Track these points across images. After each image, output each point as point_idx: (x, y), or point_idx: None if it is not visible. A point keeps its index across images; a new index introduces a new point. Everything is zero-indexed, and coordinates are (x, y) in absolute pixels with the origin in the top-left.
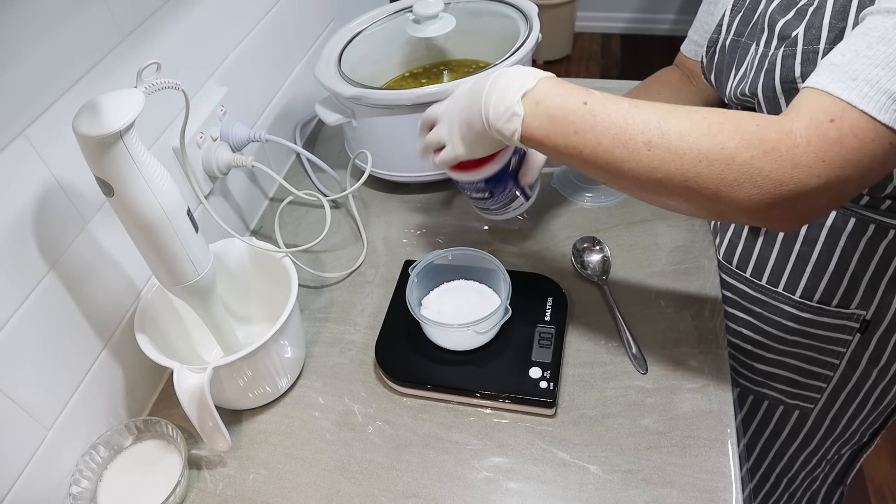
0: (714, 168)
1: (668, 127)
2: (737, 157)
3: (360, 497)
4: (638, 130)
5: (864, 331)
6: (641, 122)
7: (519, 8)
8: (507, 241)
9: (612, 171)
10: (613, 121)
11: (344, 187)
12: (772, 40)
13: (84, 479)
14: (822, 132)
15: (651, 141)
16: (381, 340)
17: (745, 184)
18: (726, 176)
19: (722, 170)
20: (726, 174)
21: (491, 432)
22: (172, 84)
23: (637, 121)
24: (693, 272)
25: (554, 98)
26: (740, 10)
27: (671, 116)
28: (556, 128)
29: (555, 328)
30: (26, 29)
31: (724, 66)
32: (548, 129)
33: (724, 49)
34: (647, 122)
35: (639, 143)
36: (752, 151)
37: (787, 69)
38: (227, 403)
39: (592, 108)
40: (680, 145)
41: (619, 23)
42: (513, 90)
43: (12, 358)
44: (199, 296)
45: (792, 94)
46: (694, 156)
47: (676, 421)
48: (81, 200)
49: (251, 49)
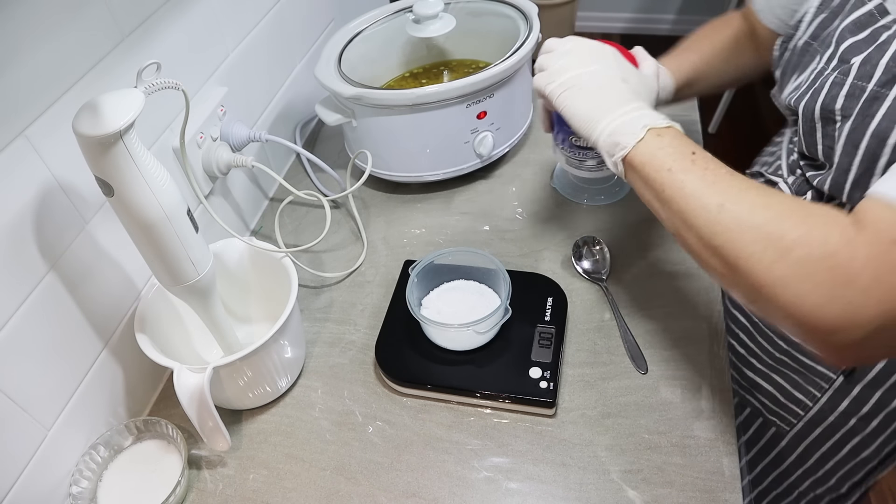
0: (766, 255)
1: (741, 197)
2: (794, 250)
3: (360, 497)
4: (710, 196)
5: (849, 375)
6: (714, 193)
7: (519, 8)
8: (507, 241)
9: (681, 223)
10: (712, 172)
11: (344, 187)
12: (833, 59)
13: (84, 479)
14: (883, 251)
15: (723, 205)
16: (381, 340)
17: (791, 286)
18: (775, 269)
19: (774, 260)
20: (776, 267)
21: (491, 432)
22: (172, 84)
23: (711, 190)
24: (693, 272)
25: (651, 160)
26: (823, 11)
27: (746, 190)
28: (646, 185)
29: (555, 328)
30: (26, 29)
31: (790, 67)
32: (638, 184)
33: (796, 49)
34: (721, 191)
35: (711, 205)
36: (809, 249)
37: (830, 98)
38: (227, 403)
39: (696, 157)
40: (745, 219)
41: (619, 23)
42: (619, 152)
43: (12, 358)
44: (199, 296)
45: (829, 124)
46: (753, 234)
47: (676, 421)
48: (81, 200)
49: (251, 49)
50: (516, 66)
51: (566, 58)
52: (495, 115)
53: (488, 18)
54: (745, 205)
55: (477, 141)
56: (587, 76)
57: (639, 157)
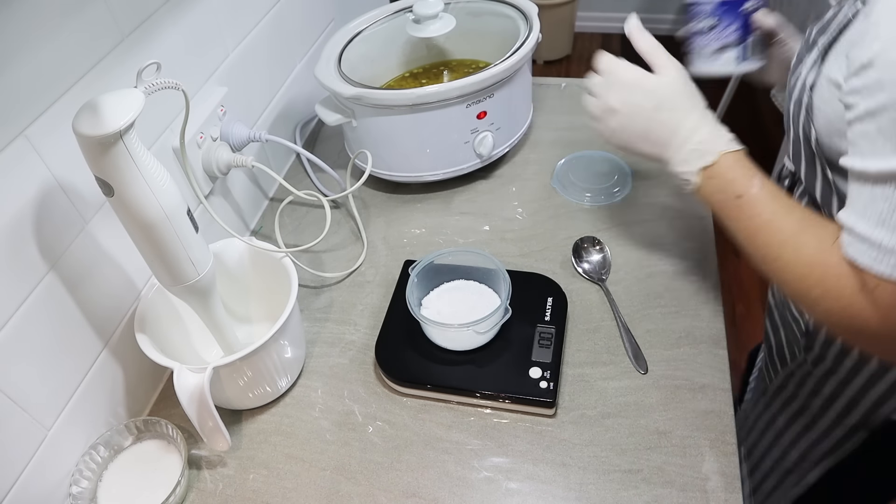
0: (801, 285)
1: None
2: (819, 304)
3: (360, 497)
4: (767, 228)
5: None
6: (773, 230)
7: (519, 8)
8: (507, 241)
9: (746, 233)
10: (755, 223)
11: (344, 187)
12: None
13: (84, 479)
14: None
15: (766, 257)
16: (381, 340)
17: (826, 323)
18: (811, 312)
19: (808, 308)
20: (811, 312)
21: (491, 432)
22: (172, 84)
23: (770, 227)
24: (693, 272)
25: (719, 185)
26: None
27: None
28: (715, 207)
29: (555, 328)
30: (27, 29)
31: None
32: (711, 203)
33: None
34: (779, 229)
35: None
36: (829, 304)
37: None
38: (227, 403)
39: (741, 204)
40: (790, 258)
41: (619, 23)
42: (693, 164)
43: (12, 358)
44: (199, 296)
45: (797, 119)
46: (791, 288)
47: (676, 421)
48: (81, 200)
49: (251, 49)
50: (516, 66)
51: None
52: (495, 115)
53: (488, 18)
54: (781, 263)
55: (477, 141)
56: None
57: (700, 194)
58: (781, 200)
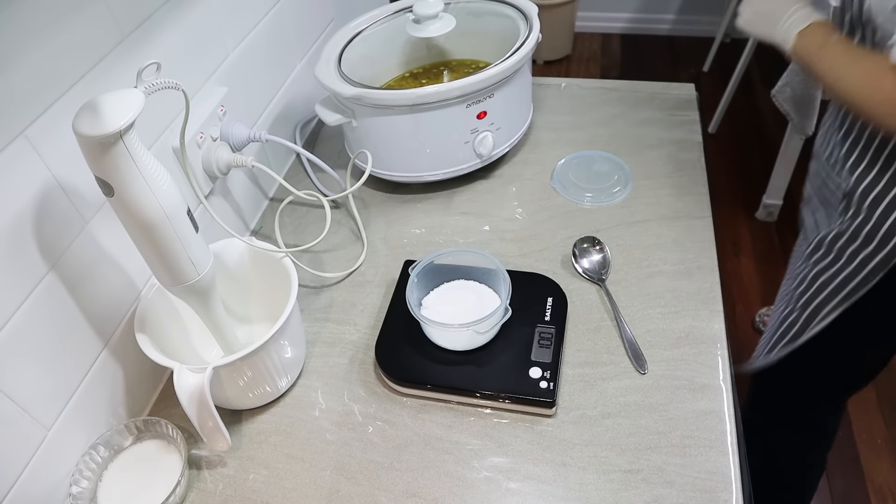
0: (866, 93)
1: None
2: (881, 104)
3: (360, 497)
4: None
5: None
6: (846, 62)
7: (519, 8)
8: (507, 241)
9: (827, 67)
10: (828, 65)
11: (344, 187)
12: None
13: (84, 479)
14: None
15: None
16: (381, 340)
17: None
18: (878, 110)
19: (875, 106)
20: (879, 108)
21: (491, 432)
22: (172, 84)
23: (838, 73)
24: (693, 272)
25: (808, 40)
26: None
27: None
28: (805, 58)
29: (555, 328)
30: (26, 29)
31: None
32: (802, 56)
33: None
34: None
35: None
36: (886, 99)
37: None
38: (227, 403)
39: (820, 55)
40: (859, 75)
41: (619, 23)
42: (792, 30)
43: (12, 358)
44: (199, 296)
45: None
46: (862, 83)
47: (676, 421)
48: (81, 200)
49: (251, 49)
50: (516, 66)
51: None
52: (495, 115)
53: (488, 18)
54: (851, 81)
55: (477, 141)
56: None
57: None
58: (851, 45)
